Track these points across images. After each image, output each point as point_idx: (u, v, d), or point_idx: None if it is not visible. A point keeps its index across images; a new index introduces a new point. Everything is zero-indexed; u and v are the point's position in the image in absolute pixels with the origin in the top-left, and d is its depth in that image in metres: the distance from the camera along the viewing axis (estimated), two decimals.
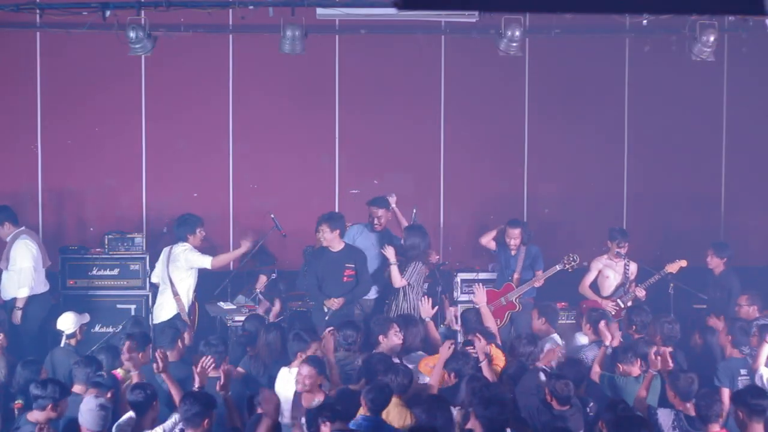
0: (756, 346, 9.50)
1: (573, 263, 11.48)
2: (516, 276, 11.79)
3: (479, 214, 13.65)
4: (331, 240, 10.96)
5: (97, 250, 12.12)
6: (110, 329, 11.55)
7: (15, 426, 8.03)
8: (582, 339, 10.37)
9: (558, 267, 11.55)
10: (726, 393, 8.92)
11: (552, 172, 13.78)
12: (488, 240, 12.05)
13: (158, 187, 13.08)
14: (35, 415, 7.78)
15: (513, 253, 11.86)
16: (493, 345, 9.29)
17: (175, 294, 11.11)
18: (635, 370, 8.89)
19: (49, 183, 12.96)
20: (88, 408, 7.51)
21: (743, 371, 9.31)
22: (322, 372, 8.52)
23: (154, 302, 11.61)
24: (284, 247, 12.38)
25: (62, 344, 9.81)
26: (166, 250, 11.35)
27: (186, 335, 9.86)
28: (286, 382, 8.80)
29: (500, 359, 9.17)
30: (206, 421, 7.35)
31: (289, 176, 13.21)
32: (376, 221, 11.53)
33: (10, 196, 12.86)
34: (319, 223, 11.14)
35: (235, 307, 11.73)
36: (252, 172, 13.29)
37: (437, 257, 11.76)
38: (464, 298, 12.30)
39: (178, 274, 11.15)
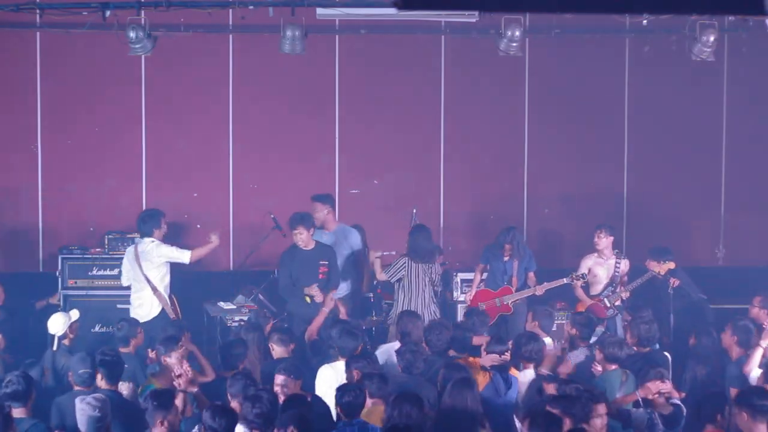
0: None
1: (582, 281, 11.50)
2: (515, 279, 11.76)
3: (479, 215, 13.66)
4: (307, 240, 11.02)
5: (97, 250, 12.12)
6: (110, 329, 11.53)
7: None
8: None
9: (565, 280, 11.52)
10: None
11: (552, 172, 13.78)
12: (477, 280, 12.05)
13: (158, 187, 13.07)
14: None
15: (506, 259, 11.81)
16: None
17: (155, 290, 10.95)
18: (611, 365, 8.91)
19: (49, 183, 12.95)
20: (77, 410, 7.45)
21: None
22: (298, 377, 8.31)
23: None
24: (284, 246, 12.36)
25: (55, 347, 9.74)
26: (130, 249, 11.19)
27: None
28: (329, 380, 8.71)
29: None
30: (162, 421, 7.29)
31: (289, 176, 13.20)
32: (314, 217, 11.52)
33: (10, 196, 12.89)
34: (295, 224, 11.05)
35: (235, 307, 11.73)
36: (252, 172, 13.29)
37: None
38: (464, 298, 12.30)
39: (154, 272, 11.00)
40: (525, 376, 8.94)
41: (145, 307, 10.99)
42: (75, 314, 10.01)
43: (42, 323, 10.78)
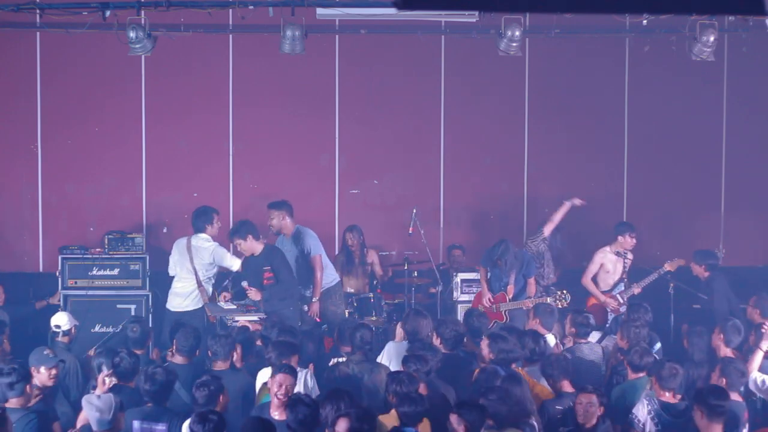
0: (753, 345, 9.46)
1: (563, 302, 11.30)
2: (510, 287, 11.72)
3: (479, 214, 13.65)
4: (249, 248, 11.00)
5: (97, 250, 12.12)
6: (110, 329, 11.54)
7: None
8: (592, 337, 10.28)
9: (548, 299, 11.28)
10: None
11: (552, 172, 13.78)
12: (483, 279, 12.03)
13: (158, 187, 13.08)
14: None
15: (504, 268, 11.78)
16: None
17: (200, 285, 11.23)
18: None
19: (49, 183, 12.95)
20: (84, 405, 7.44)
21: None
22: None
23: (156, 299, 11.72)
24: None
25: (59, 339, 9.78)
26: (182, 241, 11.41)
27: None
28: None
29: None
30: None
31: (289, 176, 13.20)
32: (270, 225, 11.51)
33: (10, 196, 12.89)
34: (230, 238, 11.22)
35: (235, 307, 11.70)
36: (252, 172, 13.29)
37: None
38: (464, 298, 12.29)
39: (203, 266, 11.28)
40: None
41: (184, 297, 11.25)
42: (75, 321, 10.11)
43: (42, 323, 10.81)
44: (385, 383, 8.05)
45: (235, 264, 11.31)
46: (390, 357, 9.40)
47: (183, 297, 11.30)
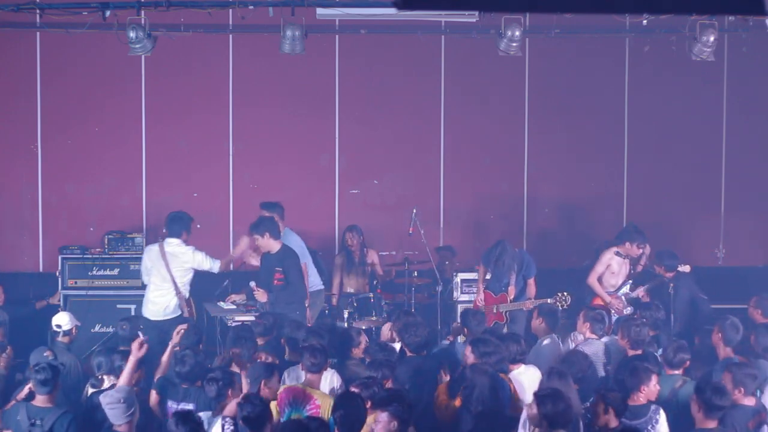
0: (753, 344, 9.47)
1: (564, 303, 11.26)
2: (511, 288, 11.70)
3: (479, 215, 13.66)
4: (265, 245, 10.95)
5: (97, 250, 12.13)
6: (110, 329, 11.54)
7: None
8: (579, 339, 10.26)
9: (549, 301, 11.19)
10: None
11: (552, 172, 13.78)
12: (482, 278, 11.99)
13: (158, 187, 13.08)
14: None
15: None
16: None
17: (178, 292, 10.95)
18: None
19: (49, 183, 12.96)
20: (106, 402, 7.43)
21: None
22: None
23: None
24: None
25: (59, 339, 9.79)
26: (153, 248, 11.08)
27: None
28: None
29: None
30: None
31: (289, 176, 13.21)
32: None
33: (10, 196, 12.89)
34: (250, 232, 11.10)
35: (235, 307, 11.71)
36: (252, 172, 13.30)
37: None
38: (464, 298, 12.29)
39: (180, 273, 10.99)
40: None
41: (163, 305, 10.94)
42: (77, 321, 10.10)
43: (42, 323, 10.81)
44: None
45: (215, 265, 11.05)
46: None
47: (162, 305, 10.96)
